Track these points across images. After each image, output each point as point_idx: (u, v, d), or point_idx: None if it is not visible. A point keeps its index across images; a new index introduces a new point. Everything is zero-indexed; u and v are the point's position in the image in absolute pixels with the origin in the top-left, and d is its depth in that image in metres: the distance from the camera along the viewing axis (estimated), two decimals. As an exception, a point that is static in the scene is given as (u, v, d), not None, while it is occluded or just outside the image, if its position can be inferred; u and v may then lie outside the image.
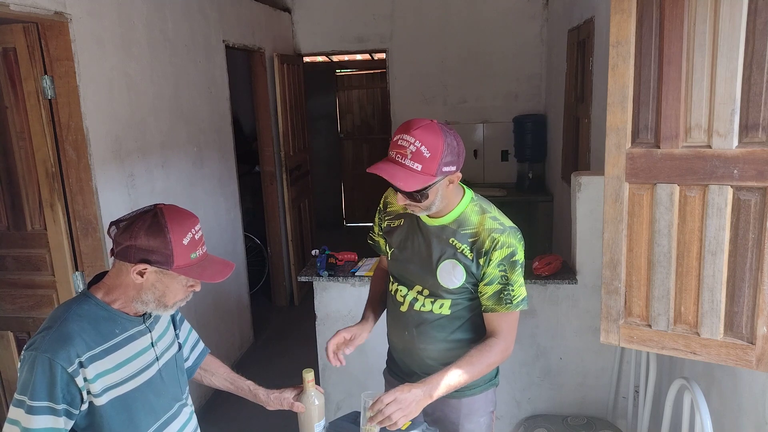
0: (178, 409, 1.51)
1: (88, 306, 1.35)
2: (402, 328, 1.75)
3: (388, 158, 1.50)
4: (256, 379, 1.69)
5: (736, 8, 1.29)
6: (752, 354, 1.38)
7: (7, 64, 2.34)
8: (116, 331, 1.36)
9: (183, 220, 1.33)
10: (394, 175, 1.45)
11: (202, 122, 3.53)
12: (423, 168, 1.45)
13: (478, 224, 1.60)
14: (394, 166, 1.47)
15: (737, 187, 1.35)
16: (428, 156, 1.44)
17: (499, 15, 5.11)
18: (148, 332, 1.44)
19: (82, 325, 1.30)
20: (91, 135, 2.45)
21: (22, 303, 2.58)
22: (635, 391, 2.35)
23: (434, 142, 1.45)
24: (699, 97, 1.37)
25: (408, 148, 1.45)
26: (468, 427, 1.75)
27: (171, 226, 1.29)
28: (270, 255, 4.94)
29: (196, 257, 1.34)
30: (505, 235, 1.57)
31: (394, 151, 1.48)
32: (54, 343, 1.26)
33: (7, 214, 2.51)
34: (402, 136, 1.47)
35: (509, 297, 1.58)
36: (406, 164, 1.45)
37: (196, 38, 3.44)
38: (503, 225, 1.59)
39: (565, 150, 4.26)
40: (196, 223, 1.36)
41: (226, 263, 1.41)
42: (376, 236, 1.86)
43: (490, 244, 1.56)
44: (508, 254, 1.56)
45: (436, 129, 1.47)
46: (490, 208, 1.66)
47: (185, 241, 1.31)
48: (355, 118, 7.67)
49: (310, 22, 5.33)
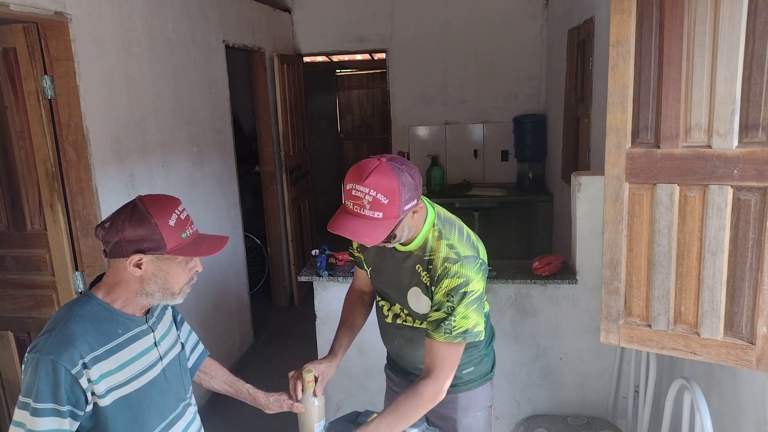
0: (182, 409, 1.51)
1: (89, 306, 1.35)
2: (391, 337, 1.78)
3: (345, 209, 1.43)
4: (257, 379, 1.69)
5: (736, 8, 1.29)
6: (752, 354, 1.38)
7: (7, 64, 2.34)
8: (119, 331, 1.36)
9: (164, 203, 1.33)
10: (357, 232, 1.39)
11: (202, 122, 3.53)
12: (384, 214, 1.38)
13: (435, 249, 1.54)
14: (354, 220, 1.40)
15: (737, 187, 1.35)
16: (387, 202, 1.38)
17: (499, 15, 5.10)
18: (151, 332, 1.44)
19: (85, 326, 1.30)
20: (91, 135, 2.45)
21: (22, 303, 2.58)
22: (635, 391, 2.35)
23: (389, 187, 1.38)
24: (699, 97, 1.37)
25: (364, 199, 1.38)
26: (465, 422, 1.76)
27: (153, 212, 1.29)
28: (270, 255, 4.94)
29: (188, 236, 1.34)
30: (458, 265, 1.50)
31: (350, 201, 1.41)
32: (57, 345, 1.26)
33: (7, 214, 2.51)
34: (355, 186, 1.39)
35: (449, 327, 1.51)
36: (365, 215, 1.39)
37: (196, 38, 3.44)
38: (458, 254, 1.52)
39: (565, 150, 4.26)
40: (178, 204, 1.35)
41: (220, 237, 1.40)
42: (356, 252, 1.81)
43: (442, 271, 1.51)
44: (458, 284, 1.49)
45: (388, 171, 1.39)
46: (451, 232, 1.57)
47: (171, 222, 1.31)
48: (355, 118, 7.67)
49: (310, 22, 5.33)
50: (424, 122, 5.42)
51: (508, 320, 2.70)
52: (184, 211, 1.36)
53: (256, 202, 5.13)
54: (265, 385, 1.67)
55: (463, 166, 5.33)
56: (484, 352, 1.78)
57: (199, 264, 1.41)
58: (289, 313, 4.92)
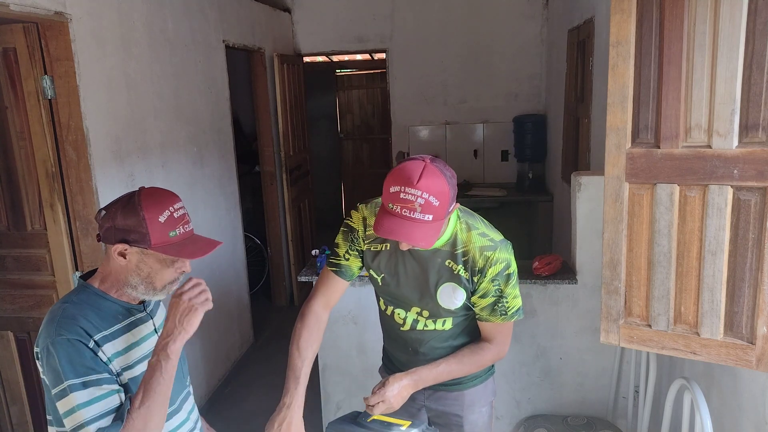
0: (186, 396, 1.52)
1: (86, 295, 1.35)
2: (405, 346, 1.74)
3: (390, 212, 1.39)
4: (257, 379, 1.68)
5: (736, 8, 1.29)
6: (752, 354, 1.38)
7: (7, 64, 2.34)
8: (119, 316, 1.36)
9: (161, 198, 1.32)
10: (412, 235, 1.37)
11: (202, 122, 3.54)
12: (434, 216, 1.38)
13: (467, 242, 1.56)
14: (404, 223, 1.37)
15: (737, 187, 1.35)
16: (438, 204, 1.37)
17: (499, 15, 5.11)
18: (150, 318, 1.44)
19: (84, 311, 1.30)
20: (91, 135, 2.45)
21: (22, 303, 2.58)
22: (635, 391, 2.35)
23: (441, 188, 1.37)
24: (699, 97, 1.37)
25: (416, 202, 1.35)
26: (471, 418, 1.77)
27: (145, 204, 1.29)
28: (270, 255, 4.94)
29: (176, 235, 1.32)
30: (497, 251, 1.54)
31: (397, 205, 1.37)
32: (63, 327, 1.25)
33: (7, 214, 2.51)
34: (404, 189, 1.36)
35: (504, 308, 1.58)
36: (415, 218, 1.36)
37: (196, 38, 3.44)
38: (493, 241, 1.56)
39: (565, 150, 4.26)
40: (176, 201, 1.34)
41: (212, 241, 1.38)
42: (343, 259, 1.67)
43: (484, 261, 1.54)
44: (502, 269, 1.55)
45: (437, 172, 1.38)
46: (476, 222, 1.60)
47: (161, 218, 1.30)
48: (355, 118, 7.67)
49: (310, 22, 5.33)
50: (424, 122, 5.43)
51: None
52: (181, 209, 1.34)
53: (256, 202, 5.13)
54: (265, 385, 1.66)
55: (463, 166, 5.32)
56: None
57: (186, 265, 1.38)
58: (289, 313, 4.92)
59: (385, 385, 1.54)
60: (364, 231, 1.65)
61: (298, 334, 1.60)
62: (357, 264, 1.68)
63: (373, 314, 1.89)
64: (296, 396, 1.50)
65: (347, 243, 1.66)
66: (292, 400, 1.49)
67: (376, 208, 1.62)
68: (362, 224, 1.65)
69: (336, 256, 1.68)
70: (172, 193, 1.37)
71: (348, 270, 1.68)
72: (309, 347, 1.58)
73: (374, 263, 1.66)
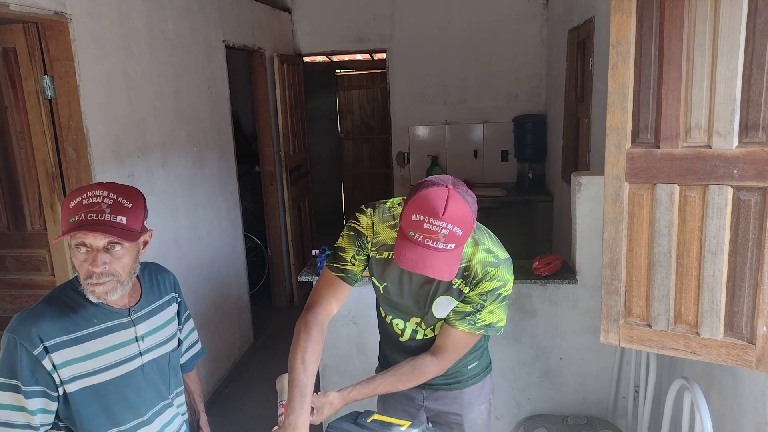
0: (161, 408, 1.49)
1: (68, 293, 1.35)
2: (404, 353, 1.72)
3: (412, 241, 1.35)
4: (257, 379, 1.68)
5: (736, 8, 1.29)
6: (752, 354, 1.38)
7: (7, 64, 2.34)
8: (95, 320, 1.35)
9: (85, 186, 1.31)
10: (436, 268, 1.34)
11: (202, 122, 3.53)
12: (456, 245, 1.35)
13: (471, 256, 1.53)
14: (428, 254, 1.34)
15: (737, 187, 1.35)
16: (461, 234, 1.34)
17: (499, 15, 5.10)
18: (132, 326, 1.41)
19: (57, 309, 1.30)
20: (91, 135, 2.45)
21: (22, 303, 2.58)
22: (635, 391, 2.35)
23: (465, 218, 1.33)
24: (699, 97, 1.37)
25: (440, 233, 1.31)
26: (470, 416, 1.77)
27: (73, 191, 1.29)
28: (270, 255, 4.94)
29: (75, 222, 1.25)
30: (499, 269, 1.52)
31: (420, 234, 1.33)
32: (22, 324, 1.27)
33: (7, 214, 2.51)
34: (429, 219, 1.31)
35: (473, 320, 1.55)
36: (438, 248, 1.33)
37: (196, 38, 3.44)
38: (498, 258, 1.54)
39: (565, 150, 4.26)
40: (96, 189, 1.28)
41: (109, 223, 1.26)
42: (350, 264, 1.60)
43: (482, 275, 1.52)
44: (497, 287, 1.52)
45: (460, 201, 1.33)
46: (483, 236, 1.57)
47: (71, 204, 1.27)
48: (355, 118, 7.67)
49: (310, 22, 5.33)
50: (424, 122, 5.43)
51: (508, 320, 2.68)
52: (98, 197, 1.26)
53: (256, 202, 5.13)
54: (265, 385, 1.67)
55: (463, 166, 5.32)
56: (484, 345, 1.80)
57: (92, 263, 1.27)
58: (289, 313, 4.92)
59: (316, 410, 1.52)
60: (373, 237, 1.60)
61: (303, 347, 1.49)
62: (362, 268, 1.64)
63: (373, 314, 1.89)
64: (302, 415, 1.40)
65: (354, 248, 1.59)
66: (298, 421, 1.39)
67: (384, 215, 1.58)
68: (371, 230, 1.59)
69: (342, 261, 1.60)
70: (109, 184, 1.31)
71: (354, 275, 1.62)
72: (314, 361, 1.49)
73: (378, 271, 1.63)
